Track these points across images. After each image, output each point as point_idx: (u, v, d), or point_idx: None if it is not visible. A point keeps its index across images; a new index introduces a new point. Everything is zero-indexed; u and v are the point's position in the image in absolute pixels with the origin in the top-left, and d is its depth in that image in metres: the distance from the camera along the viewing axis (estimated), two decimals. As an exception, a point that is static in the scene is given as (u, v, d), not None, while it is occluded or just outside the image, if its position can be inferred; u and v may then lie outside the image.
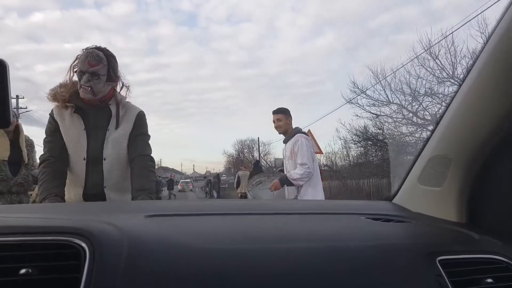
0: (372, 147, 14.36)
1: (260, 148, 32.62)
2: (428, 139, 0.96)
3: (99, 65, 1.87)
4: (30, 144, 2.85)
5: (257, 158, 31.28)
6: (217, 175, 24.69)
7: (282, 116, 3.62)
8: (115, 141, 1.96)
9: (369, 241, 0.77)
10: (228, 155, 39.61)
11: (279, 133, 3.66)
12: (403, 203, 1.01)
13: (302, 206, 1.04)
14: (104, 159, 1.94)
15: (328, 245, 0.74)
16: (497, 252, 0.74)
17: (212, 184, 23.17)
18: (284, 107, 3.76)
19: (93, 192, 1.94)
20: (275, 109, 3.71)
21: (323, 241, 0.76)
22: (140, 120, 2.05)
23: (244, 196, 13.05)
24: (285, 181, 3.48)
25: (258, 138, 33.07)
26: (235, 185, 14.97)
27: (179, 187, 38.14)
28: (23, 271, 0.59)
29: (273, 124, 3.66)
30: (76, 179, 1.97)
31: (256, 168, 12.36)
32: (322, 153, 11.91)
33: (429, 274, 0.68)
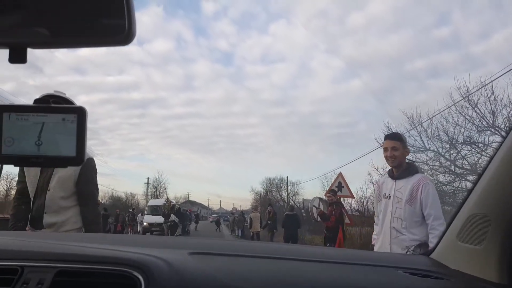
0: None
1: (289, 187, 32.20)
2: (467, 195, 0.97)
3: None
4: None
5: (285, 198, 30.85)
6: (242, 213, 24.69)
7: (399, 144, 2.74)
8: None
9: None
10: (256, 193, 39.33)
11: (392, 166, 2.77)
12: (442, 259, 1.00)
13: (341, 255, 1.06)
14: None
15: None
16: None
17: (236, 221, 23.12)
18: (400, 133, 2.91)
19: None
20: (389, 133, 2.85)
21: None
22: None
23: (255, 234, 14.96)
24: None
25: (287, 177, 32.63)
26: (247, 225, 16.80)
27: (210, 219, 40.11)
28: None
29: (384, 153, 2.79)
30: None
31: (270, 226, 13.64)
32: (353, 197, 11.66)
33: None
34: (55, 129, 0.73)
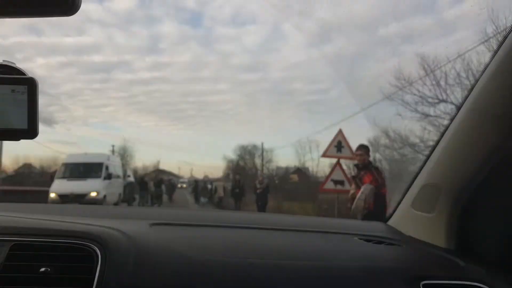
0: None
1: (263, 154, 32.12)
2: (421, 166, 1.01)
3: None
4: None
5: (257, 166, 31.02)
6: (205, 183, 23.83)
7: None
8: None
9: (358, 262, 0.82)
10: (228, 160, 39.48)
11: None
12: (397, 226, 1.06)
13: (300, 223, 1.09)
14: None
15: (318, 264, 0.79)
16: (481, 280, 0.77)
17: (200, 190, 22.41)
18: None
19: None
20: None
21: (315, 259, 0.81)
22: None
23: (220, 199, 18.17)
24: None
25: (262, 143, 32.22)
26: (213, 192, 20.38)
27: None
28: (42, 269, 0.65)
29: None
30: None
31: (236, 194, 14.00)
32: (356, 159, 11.29)
33: None
34: (4, 100, 0.69)
